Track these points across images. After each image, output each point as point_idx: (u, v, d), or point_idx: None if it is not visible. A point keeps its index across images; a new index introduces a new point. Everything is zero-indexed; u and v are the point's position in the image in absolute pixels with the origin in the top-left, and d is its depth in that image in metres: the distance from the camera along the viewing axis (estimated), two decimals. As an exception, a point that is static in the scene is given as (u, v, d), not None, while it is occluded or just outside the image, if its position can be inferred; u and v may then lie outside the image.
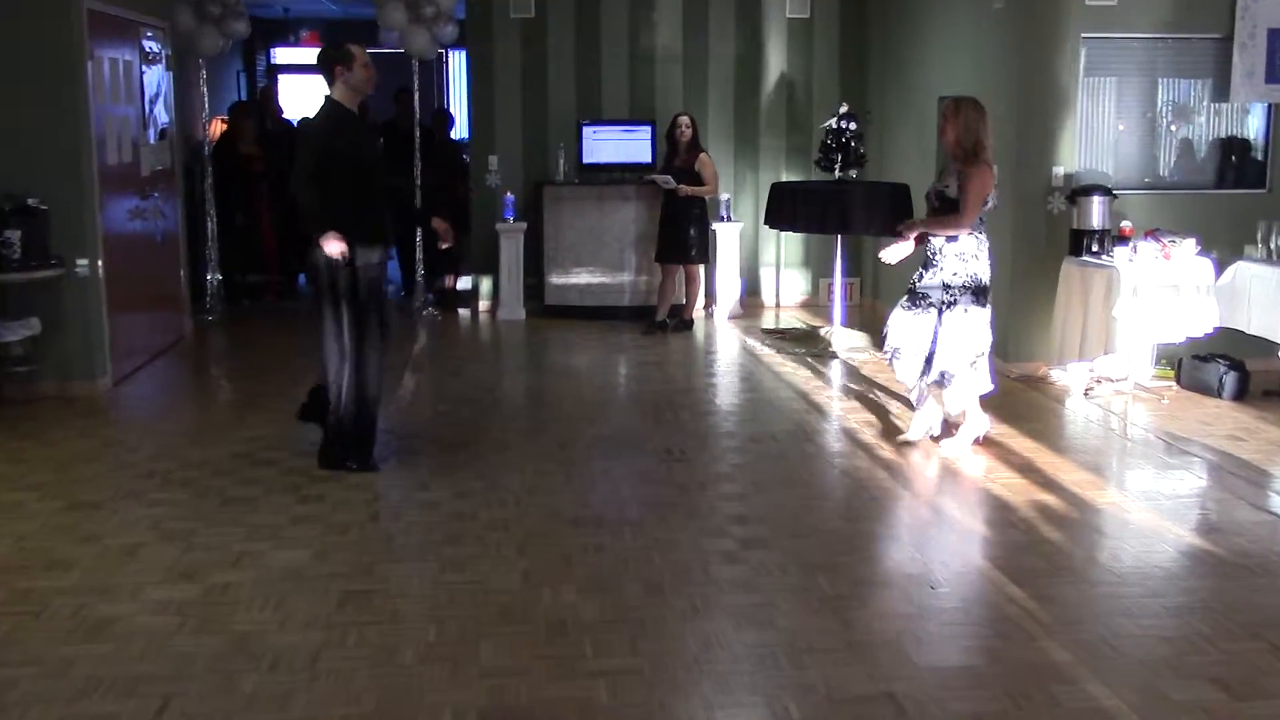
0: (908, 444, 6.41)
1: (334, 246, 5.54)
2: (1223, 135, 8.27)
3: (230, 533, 5.06)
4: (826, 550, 4.91)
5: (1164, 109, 8.13)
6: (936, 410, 6.46)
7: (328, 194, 5.65)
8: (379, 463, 5.97)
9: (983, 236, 6.25)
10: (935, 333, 6.21)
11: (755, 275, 10.85)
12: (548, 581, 4.54)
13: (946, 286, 6.17)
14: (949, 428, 6.47)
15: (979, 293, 6.19)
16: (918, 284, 6.28)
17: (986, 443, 6.43)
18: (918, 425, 6.48)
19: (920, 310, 6.24)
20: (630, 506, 5.46)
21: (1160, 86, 8.10)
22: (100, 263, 7.53)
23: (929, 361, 6.24)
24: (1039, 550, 4.91)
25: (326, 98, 5.89)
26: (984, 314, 6.24)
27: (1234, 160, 8.28)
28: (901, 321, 6.30)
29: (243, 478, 5.84)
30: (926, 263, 6.27)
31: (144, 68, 8.65)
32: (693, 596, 4.41)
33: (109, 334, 7.66)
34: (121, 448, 6.38)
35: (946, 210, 6.21)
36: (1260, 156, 8.23)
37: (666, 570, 4.67)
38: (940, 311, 6.19)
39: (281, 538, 5.01)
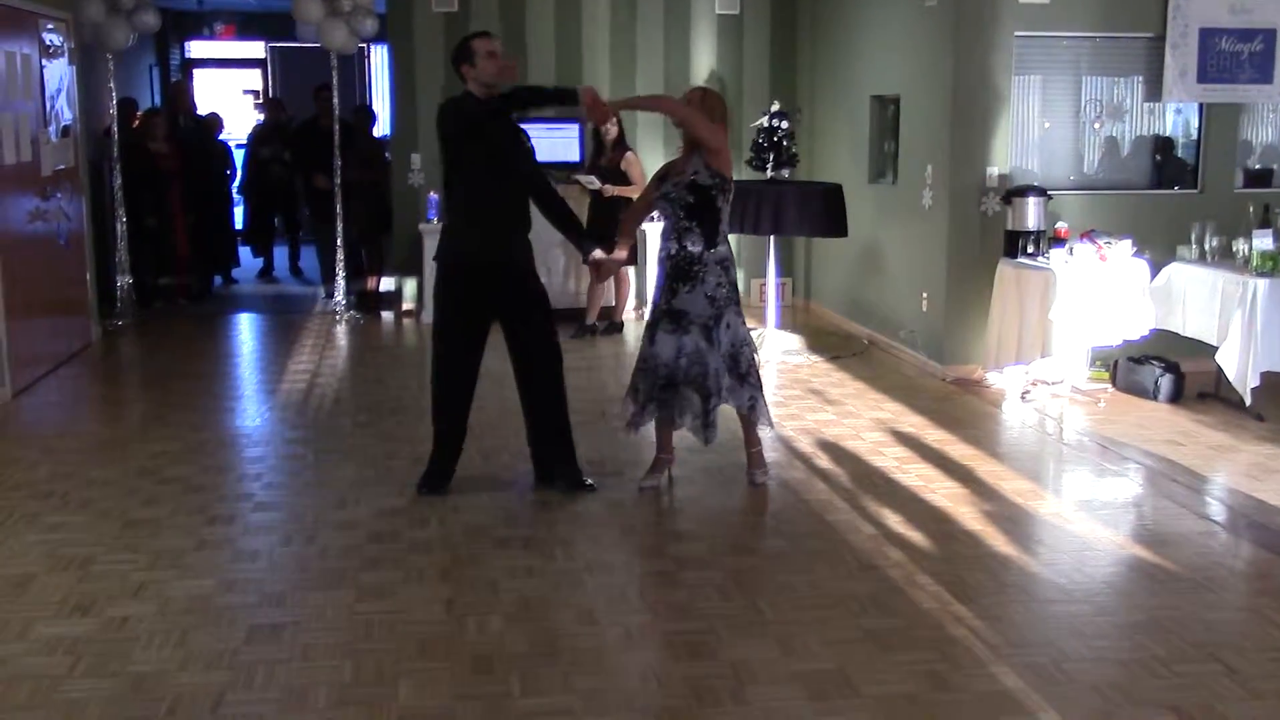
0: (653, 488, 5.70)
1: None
2: (1155, 135, 8.22)
3: (131, 560, 4.72)
4: (767, 571, 4.70)
5: (1096, 108, 8.04)
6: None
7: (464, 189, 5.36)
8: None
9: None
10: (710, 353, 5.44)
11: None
12: (472, 610, 4.27)
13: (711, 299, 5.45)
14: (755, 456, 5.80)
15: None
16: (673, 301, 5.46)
17: (925, 450, 6.28)
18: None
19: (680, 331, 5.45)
20: (560, 525, 5.21)
21: (1092, 86, 8.01)
22: (-4, 267, 7.13)
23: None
24: (984, 565, 4.74)
25: (465, 92, 5.43)
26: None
27: (1166, 160, 8.24)
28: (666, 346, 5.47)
29: (146, 497, 5.49)
30: (685, 275, 5.43)
31: (44, 61, 8.21)
32: (628, 624, 4.17)
33: (7, 342, 7.24)
34: (18, 466, 5.99)
35: (704, 203, 5.37)
36: (1192, 157, 8.19)
37: (599, 595, 4.43)
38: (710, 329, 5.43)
39: (185, 565, 4.69)
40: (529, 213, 5.54)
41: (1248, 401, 6.81)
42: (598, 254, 5.66)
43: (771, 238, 8.99)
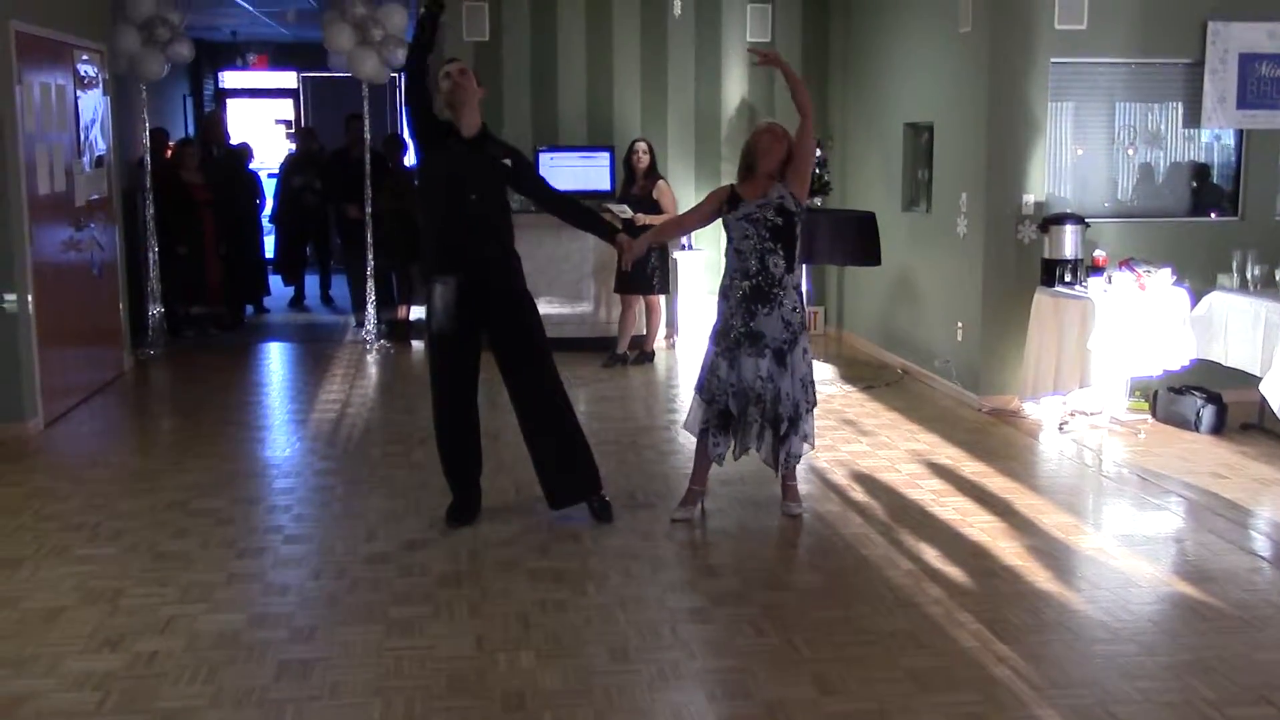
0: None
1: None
2: (1194, 161, 8.11)
3: (161, 593, 4.69)
4: (802, 607, 4.61)
5: (1134, 135, 7.95)
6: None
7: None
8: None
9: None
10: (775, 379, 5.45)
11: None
12: (503, 646, 4.20)
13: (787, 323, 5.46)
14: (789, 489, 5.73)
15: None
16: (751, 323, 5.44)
17: (962, 483, 6.18)
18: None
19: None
20: (592, 558, 5.13)
21: (1130, 112, 7.92)
22: (30, 297, 7.15)
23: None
24: (1025, 602, 4.64)
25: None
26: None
27: (1202, 186, 8.12)
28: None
29: (177, 529, 5.46)
30: (765, 296, 5.42)
31: (79, 92, 8.27)
32: (661, 662, 4.09)
33: (39, 372, 7.26)
34: (49, 497, 5.98)
35: (788, 226, 5.40)
36: (1232, 183, 8.08)
37: (632, 631, 4.35)
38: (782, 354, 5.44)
39: (216, 599, 4.64)
40: (499, 231, 5.45)
41: (1292, 433, 6.69)
42: (623, 238, 5.68)
43: (804, 266, 8.91)
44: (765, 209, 5.40)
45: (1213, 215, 8.01)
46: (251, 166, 12.11)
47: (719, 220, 5.58)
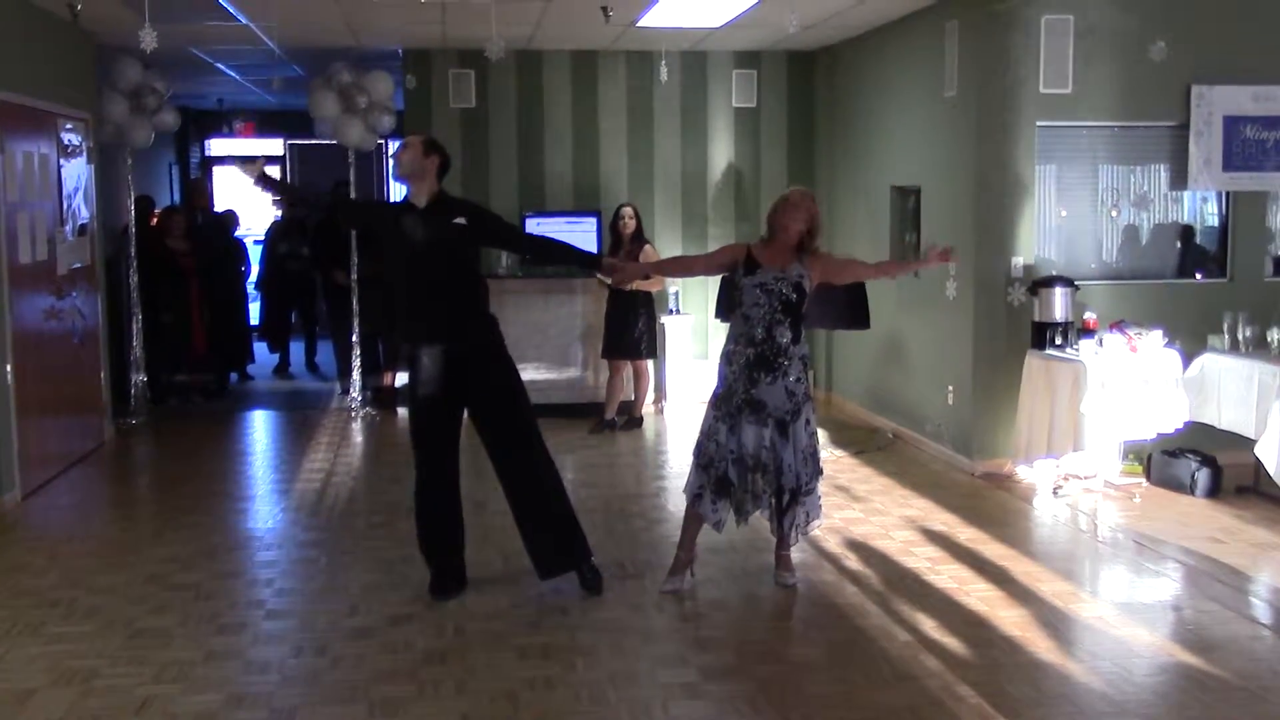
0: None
1: None
2: (1181, 223, 8.11)
3: (137, 673, 4.54)
4: (797, 681, 4.49)
5: (1120, 197, 7.95)
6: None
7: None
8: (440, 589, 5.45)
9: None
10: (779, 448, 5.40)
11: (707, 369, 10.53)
12: (490, 727, 4.08)
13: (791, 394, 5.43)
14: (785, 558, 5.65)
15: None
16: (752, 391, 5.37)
17: (957, 549, 6.08)
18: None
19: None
20: (581, 632, 5.00)
21: (1116, 175, 7.93)
22: (9, 367, 7.04)
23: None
24: (1026, 674, 4.53)
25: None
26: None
27: (1193, 249, 8.12)
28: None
29: (155, 604, 5.32)
30: (769, 365, 5.37)
31: (62, 161, 8.22)
32: (653, 742, 3.97)
33: (18, 443, 7.14)
34: (25, 572, 5.83)
35: (799, 303, 5.39)
36: (1211, 244, 8.08)
37: (623, 709, 4.22)
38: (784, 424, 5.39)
39: (193, 678, 4.50)
40: (461, 293, 5.39)
41: (1289, 496, 6.61)
42: (609, 260, 5.72)
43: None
44: (782, 283, 5.34)
45: (1198, 277, 8.00)
46: (237, 233, 12.07)
47: (706, 279, 5.55)
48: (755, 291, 5.36)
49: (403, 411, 9.99)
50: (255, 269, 12.41)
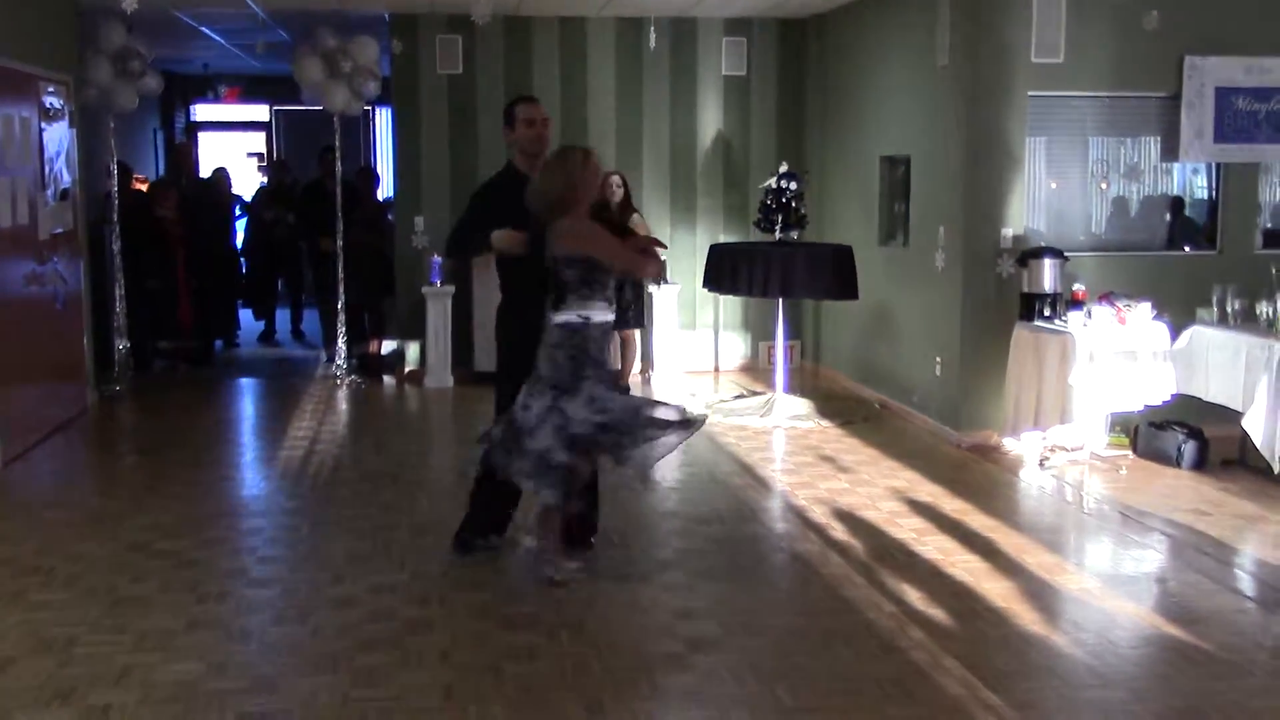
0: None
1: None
2: (1170, 195, 8.08)
3: (117, 641, 4.50)
4: (783, 652, 4.47)
5: (1110, 168, 7.91)
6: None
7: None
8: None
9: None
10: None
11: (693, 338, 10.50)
12: (474, 698, 4.04)
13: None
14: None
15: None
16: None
17: (943, 521, 6.07)
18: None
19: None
20: (567, 603, 4.97)
21: (1107, 146, 7.89)
22: (-11, 333, 6.98)
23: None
24: (1011, 646, 4.52)
25: (508, 160, 5.57)
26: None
27: (1183, 221, 8.09)
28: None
29: (136, 573, 5.27)
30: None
31: (44, 124, 8.11)
32: (638, 713, 3.95)
33: (-2, 410, 7.08)
34: (4, 540, 5.77)
35: (591, 273, 5.11)
36: (1200, 216, 8.05)
37: (608, 681, 4.20)
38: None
39: (174, 647, 4.46)
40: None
41: (1276, 469, 6.57)
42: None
43: (780, 300, 8.84)
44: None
45: (1187, 249, 7.98)
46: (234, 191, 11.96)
47: (696, 249, 5.45)
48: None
49: (389, 379, 10.00)
50: (240, 233, 12.32)
